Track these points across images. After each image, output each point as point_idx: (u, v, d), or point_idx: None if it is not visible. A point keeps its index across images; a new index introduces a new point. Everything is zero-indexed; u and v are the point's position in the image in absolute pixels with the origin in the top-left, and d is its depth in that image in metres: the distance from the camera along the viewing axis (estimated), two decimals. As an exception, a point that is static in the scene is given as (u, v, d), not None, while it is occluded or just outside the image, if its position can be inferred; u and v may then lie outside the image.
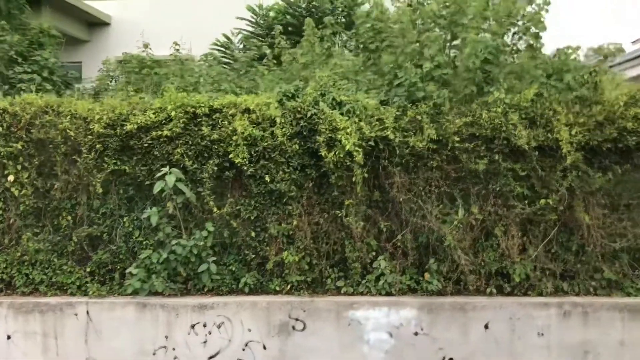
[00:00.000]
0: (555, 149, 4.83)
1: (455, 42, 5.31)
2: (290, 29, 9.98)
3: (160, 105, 4.98)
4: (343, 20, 9.54)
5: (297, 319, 4.88)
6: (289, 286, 5.04)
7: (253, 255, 5.10)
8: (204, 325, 4.88)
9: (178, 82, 6.86)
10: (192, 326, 4.87)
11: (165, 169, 4.83)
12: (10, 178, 5.01)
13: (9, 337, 4.94)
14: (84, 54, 14.08)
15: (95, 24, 14.29)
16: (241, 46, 10.88)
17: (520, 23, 5.46)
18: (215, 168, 4.95)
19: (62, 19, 12.72)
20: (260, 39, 10.30)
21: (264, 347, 4.86)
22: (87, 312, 4.91)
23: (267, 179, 4.91)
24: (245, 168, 4.89)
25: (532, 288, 4.99)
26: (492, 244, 5.00)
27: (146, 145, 4.99)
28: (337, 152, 4.73)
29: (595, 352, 4.82)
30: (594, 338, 4.82)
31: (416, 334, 4.85)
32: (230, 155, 4.88)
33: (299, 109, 4.93)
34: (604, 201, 4.98)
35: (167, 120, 4.93)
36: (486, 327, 4.84)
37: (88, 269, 5.15)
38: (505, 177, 4.90)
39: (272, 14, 10.48)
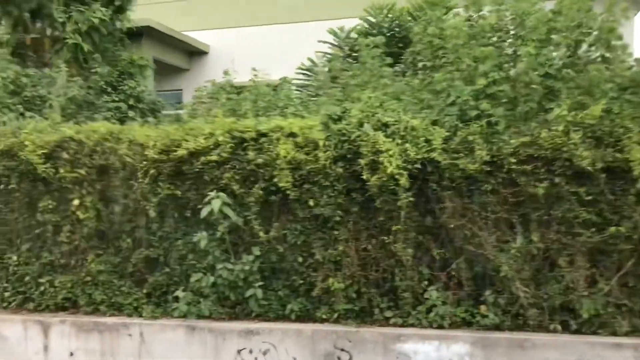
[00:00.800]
0: (626, 170, 4.31)
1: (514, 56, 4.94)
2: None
3: (210, 131, 5.06)
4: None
5: (342, 349, 4.70)
6: (336, 314, 4.87)
7: (301, 282, 5.00)
8: (250, 352, 4.84)
9: (250, 107, 6.97)
10: (239, 351, 4.85)
11: (213, 194, 4.88)
12: (76, 202, 5.30)
13: (71, 354, 5.20)
14: (184, 82, 14.89)
15: (195, 52, 15.02)
16: (326, 69, 10.94)
17: (594, 33, 4.99)
18: (262, 192, 4.93)
19: (164, 50, 13.56)
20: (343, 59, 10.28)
21: (309, 376, 4.73)
22: (141, 333, 5.05)
23: (312, 203, 4.81)
24: (290, 192, 4.82)
25: (603, 326, 4.45)
26: (555, 276, 4.54)
27: (197, 170, 5.08)
28: (380, 176, 4.54)
29: (677, 404, 4.20)
30: (677, 387, 4.21)
31: (470, 371, 4.49)
32: (275, 180, 4.84)
33: (344, 132, 4.80)
34: (686, 228, 4.37)
35: (215, 145, 4.99)
36: (548, 368, 4.38)
37: (145, 291, 5.30)
38: (569, 202, 4.44)
39: (353, 34, 10.43)
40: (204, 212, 4.86)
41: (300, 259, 4.98)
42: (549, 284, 4.55)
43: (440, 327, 4.65)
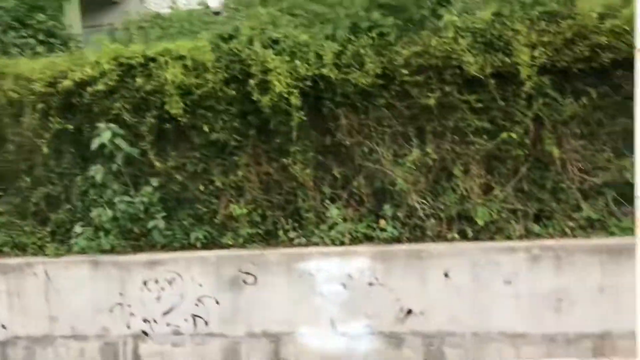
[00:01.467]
0: (515, 74, 4.24)
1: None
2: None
3: (96, 59, 4.81)
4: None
5: (247, 273, 4.70)
6: (241, 239, 4.83)
7: (204, 209, 4.92)
8: (156, 281, 4.80)
9: (160, 34, 6.67)
10: (145, 282, 4.81)
11: (102, 125, 4.70)
12: (-35, 143, 5.06)
13: (-22, 297, 5.11)
14: (115, 16, 14.22)
15: (125, -16, 14.26)
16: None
17: None
18: (154, 121, 4.76)
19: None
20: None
21: (217, 302, 4.73)
22: (46, 272, 4.96)
23: (206, 128, 4.67)
24: (181, 119, 4.66)
25: (499, 232, 4.52)
26: (452, 186, 4.55)
27: (86, 101, 4.85)
28: (271, 96, 4.40)
29: (569, 300, 4.33)
30: (568, 284, 4.32)
31: (371, 284, 4.54)
32: (166, 107, 4.66)
33: (235, 52, 4.60)
34: (579, 130, 4.37)
35: (101, 74, 4.76)
36: (446, 275, 4.45)
37: (48, 229, 5.17)
38: (461, 111, 4.39)
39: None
40: (94, 145, 4.69)
41: (201, 187, 4.88)
42: (446, 194, 4.56)
43: (342, 244, 4.66)
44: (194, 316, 4.77)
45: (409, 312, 4.52)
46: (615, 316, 4.21)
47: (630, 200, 4.47)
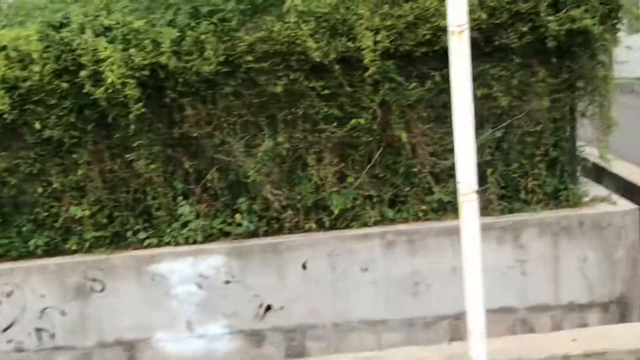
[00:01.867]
0: (360, 59, 4.17)
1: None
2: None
3: None
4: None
5: (94, 280, 4.36)
6: (87, 244, 4.48)
7: (45, 214, 4.51)
8: (-8, 296, 4.37)
9: None
10: (-21, 298, 4.36)
11: None
12: None
13: None
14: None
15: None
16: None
17: None
18: (-22, 119, 4.29)
19: None
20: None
21: (63, 313, 4.37)
22: None
23: (38, 125, 4.26)
24: (7, 115, 4.22)
25: (355, 219, 4.46)
26: (307, 175, 4.43)
27: None
28: (105, 87, 4.07)
29: (425, 283, 4.36)
30: (423, 267, 4.34)
31: (227, 282, 4.36)
32: (-11, 103, 4.21)
33: (66, 41, 4.22)
34: (426, 114, 4.38)
35: None
36: (304, 267, 4.35)
37: None
38: (309, 98, 4.27)
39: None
40: None
41: (40, 189, 4.46)
42: (301, 184, 4.44)
43: (196, 242, 4.43)
44: (38, 330, 4.39)
45: (269, 308, 4.38)
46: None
47: (480, 181, 4.59)
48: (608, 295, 4.35)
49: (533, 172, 4.43)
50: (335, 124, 4.29)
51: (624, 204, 4.40)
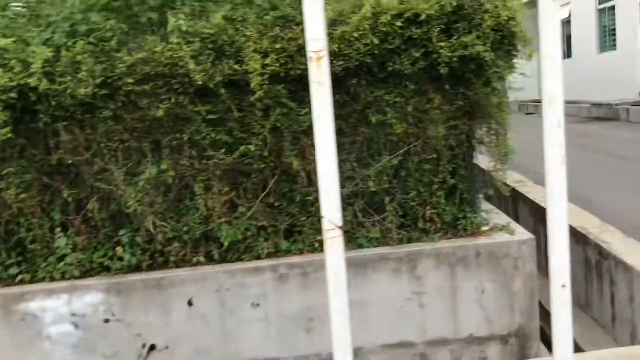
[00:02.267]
0: (249, 83, 3.96)
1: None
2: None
3: None
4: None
5: (-44, 321, 3.96)
6: (-49, 281, 4.08)
7: None
8: None
9: None
10: None
11: None
12: None
13: None
14: None
15: None
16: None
17: None
18: None
19: None
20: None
21: None
22: None
23: None
24: None
25: (247, 251, 4.22)
26: (195, 205, 4.17)
27: None
28: (-35, 110, 3.72)
29: (320, 318, 4.12)
30: (317, 302, 4.09)
31: (107, 320, 4.03)
32: None
33: None
34: (321, 141, 4.20)
35: None
36: (190, 303, 4.06)
37: None
38: (195, 123, 4.03)
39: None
40: None
41: None
42: (188, 214, 4.18)
43: (73, 277, 4.09)
44: None
45: (152, 347, 4.06)
46: (364, 332, 4.08)
47: (378, 209, 4.44)
48: (507, 327, 4.23)
49: (431, 200, 4.30)
50: (223, 150, 4.05)
51: (521, 233, 4.31)
